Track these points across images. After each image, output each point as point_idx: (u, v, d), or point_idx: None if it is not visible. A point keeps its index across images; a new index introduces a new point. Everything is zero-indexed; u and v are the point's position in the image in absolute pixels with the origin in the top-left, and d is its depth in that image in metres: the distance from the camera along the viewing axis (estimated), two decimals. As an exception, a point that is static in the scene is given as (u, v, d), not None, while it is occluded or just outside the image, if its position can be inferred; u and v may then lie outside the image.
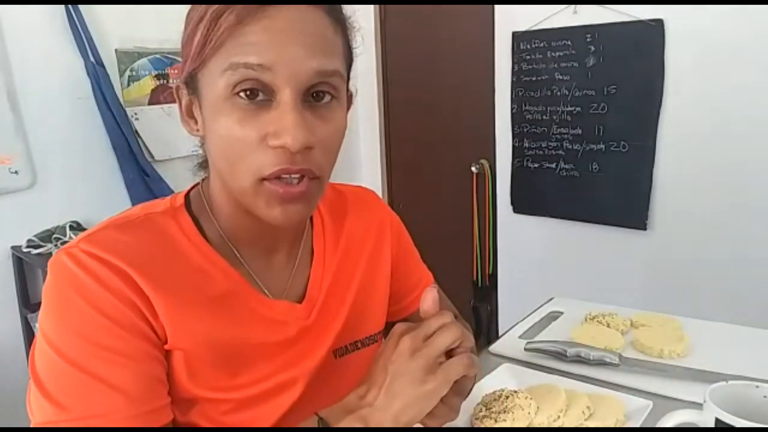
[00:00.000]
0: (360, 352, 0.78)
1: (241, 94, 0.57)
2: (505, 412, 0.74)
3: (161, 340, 0.62)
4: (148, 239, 0.64)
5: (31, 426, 0.58)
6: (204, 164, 0.71)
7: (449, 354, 0.59)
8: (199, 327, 0.63)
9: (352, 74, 0.67)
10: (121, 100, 2.32)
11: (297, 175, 0.59)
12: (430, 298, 0.62)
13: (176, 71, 2.47)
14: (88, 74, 2.23)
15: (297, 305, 0.72)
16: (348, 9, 0.65)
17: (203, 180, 0.72)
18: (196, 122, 0.64)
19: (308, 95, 0.59)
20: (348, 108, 0.66)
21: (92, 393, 0.57)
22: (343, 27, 0.63)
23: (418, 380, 0.56)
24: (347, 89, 0.66)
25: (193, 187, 0.73)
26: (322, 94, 0.60)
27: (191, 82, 0.62)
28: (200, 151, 0.70)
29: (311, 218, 0.78)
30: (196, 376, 0.64)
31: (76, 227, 2.20)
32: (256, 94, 0.58)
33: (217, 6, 0.57)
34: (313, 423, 0.60)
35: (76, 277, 0.59)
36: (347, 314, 0.76)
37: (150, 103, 2.42)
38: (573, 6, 2.21)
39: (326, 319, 0.74)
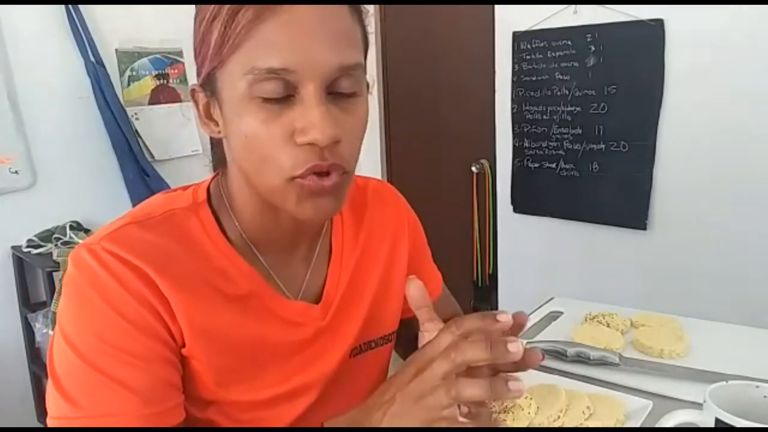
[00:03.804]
0: (374, 352, 0.77)
1: (265, 95, 0.56)
2: (505, 412, 0.74)
3: (178, 343, 0.62)
4: (171, 239, 0.63)
5: (47, 419, 0.59)
6: (220, 161, 0.69)
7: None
8: (217, 328, 0.63)
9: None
10: (121, 100, 2.32)
11: (327, 171, 0.58)
12: (413, 287, 0.60)
13: (176, 71, 2.47)
14: (88, 74, 2.23)
15: (314, 306, 0.71)
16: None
17: (220, 173, 0.70)
18: (216, 124, 0.62)
19: (332, 89, 0.57)
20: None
21: (106, 392, 0.57)
22: (359, 13, 0.61)
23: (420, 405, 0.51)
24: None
25: (213, 178, 0.71)
26: (346, 89, 0.58)
27: (209, 83, 0.60)
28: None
29: None
30: (214, 377, 0.64)
31: (76, 227, 2.21)
32: (280, 93, 0.56)
33: (233, 3, 0.55)
34: None
35: (96, 275, 0.59)
36: (364, 315, 0.75)
37: (150, 103, 2.42)
38: (573, 6, 2.21)
39: (342, 320, 0.73)
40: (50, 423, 0.58)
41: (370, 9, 0.63)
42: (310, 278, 0.73)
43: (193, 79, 0.66)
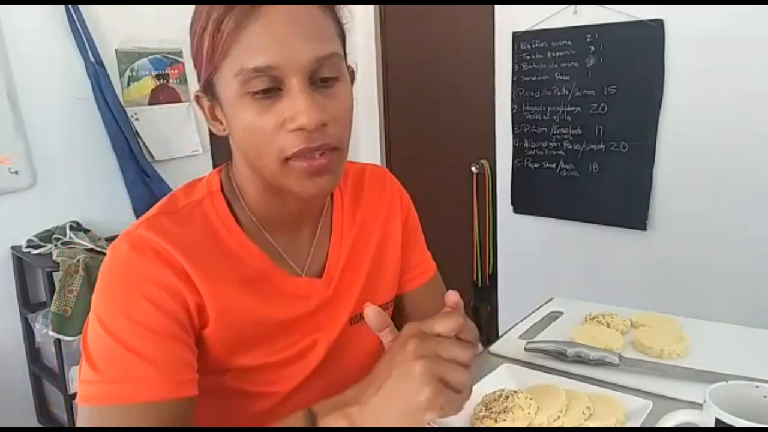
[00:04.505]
0: None
1: (255, 92, 0.64)
2: (505, 412, 0.74)
3: (196, 324, 0.69)
4: (197, 230, 0.72)
5: (77, 383, 0.67)
6: (224, 154, 0.77)
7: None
8: (231, 307, 0.71)
9: (352, 64, 0.73)
10: (121, 100, 2.32)
11: (318, 151, 0.66)
12: (370, 313, 0.62)
13: (176, 72, 2.47)
14: (88, 74, 2.23)
15: (317, 280, 0.79)
16: None
17: (229, 164, 0.78)
18: (221, 123, 0.71)
19: (314, 79, 0.65)
20: (351, 82, 0.72)
21: (128, 363, 0.64)
22: (330, 7, 0.69)
23: (415, 389, 0.54)
24: (347, 65, 0.71)
25: (222, 168, 0.79)
26: (327, 78, 0.66)
27: (209, 88, 0.69)
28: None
29: (331, 193, 0.84)
30: (226, 350, 0.72)
31: (76, 227, 2.20)
32: (268, 89, 0.64)
33: (216, 14, 0.63)
34: (301, 419, 0.60)
35: (127, 258, 0.67)
36: (362, 286, 0.82)
37: (150, 103, 2.42)
38: (573, 6, 2.21)
39: (343, 291, 0.81)
40: (78, 386, 0.66)
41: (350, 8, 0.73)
42: (313, 255, 0.80)
43: (193, 78, 0.70)
